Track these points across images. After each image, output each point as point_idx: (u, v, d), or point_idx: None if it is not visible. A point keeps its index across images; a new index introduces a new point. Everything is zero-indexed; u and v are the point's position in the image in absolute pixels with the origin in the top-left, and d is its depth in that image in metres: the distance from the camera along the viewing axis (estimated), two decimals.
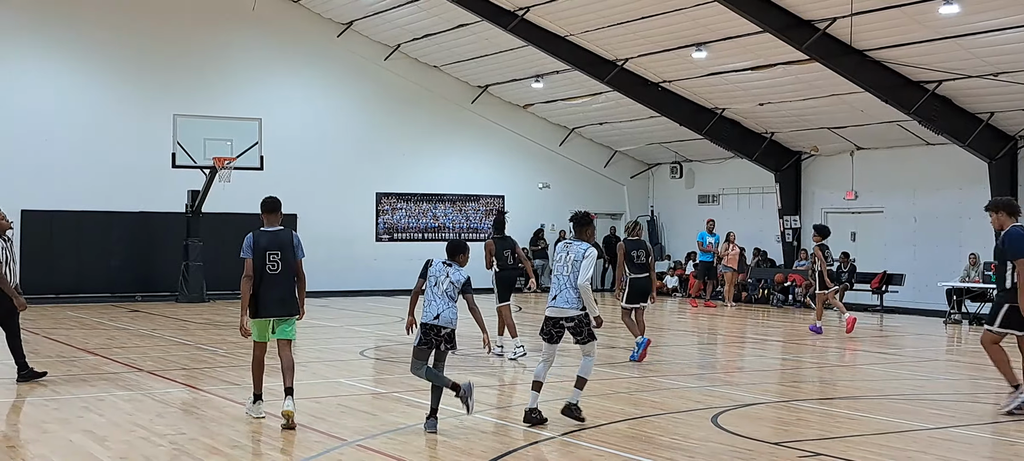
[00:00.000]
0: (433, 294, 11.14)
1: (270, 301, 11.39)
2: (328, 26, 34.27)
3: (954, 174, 29.47)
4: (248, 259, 11.33)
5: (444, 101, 36.00)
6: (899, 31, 24.58)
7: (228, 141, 28.67)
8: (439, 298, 11.10)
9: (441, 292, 11.11)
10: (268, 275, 11.37)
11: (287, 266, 11.46)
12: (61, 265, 30.23)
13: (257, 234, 11.49)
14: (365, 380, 15.73)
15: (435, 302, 11.09)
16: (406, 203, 35.36)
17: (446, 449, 10.33)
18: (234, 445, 10.56)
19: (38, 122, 30.15)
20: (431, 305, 11.09)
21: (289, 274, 11.49)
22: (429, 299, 11.15)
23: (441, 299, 11.09)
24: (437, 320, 11.03)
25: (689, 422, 12.15)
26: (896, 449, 10.58)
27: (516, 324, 17.65)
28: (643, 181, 39.64)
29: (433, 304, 11.09)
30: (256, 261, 11.35)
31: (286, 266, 11.46)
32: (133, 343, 19.54)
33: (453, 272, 11.22)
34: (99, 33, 31.18)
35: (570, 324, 11.36)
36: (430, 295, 11.15)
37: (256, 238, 11.43)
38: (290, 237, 11.60)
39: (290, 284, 11.51)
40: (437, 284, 11.15)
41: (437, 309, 11.05)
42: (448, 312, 11.07)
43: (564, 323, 11.40)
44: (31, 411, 12.31)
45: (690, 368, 17.70)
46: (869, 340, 22.37)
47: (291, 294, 11.53)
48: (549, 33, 29.91)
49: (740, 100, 31.06)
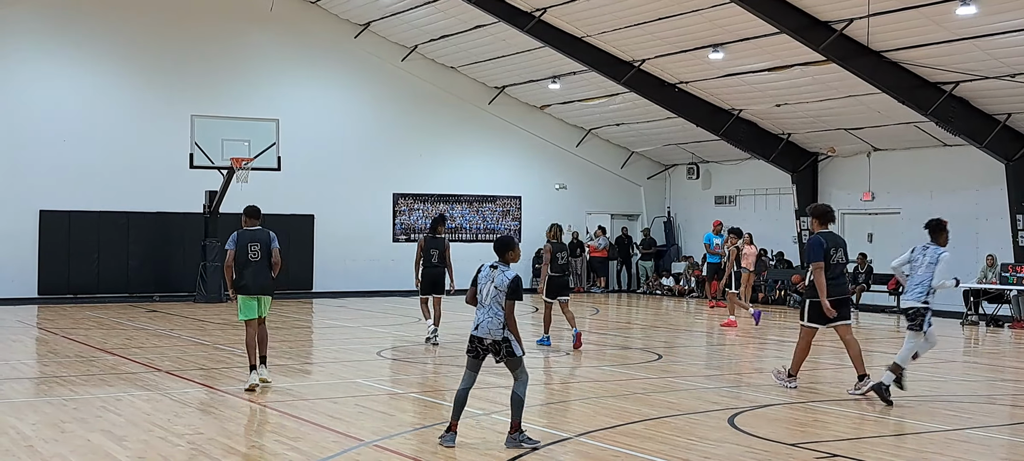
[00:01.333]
0: (481, 301, 10.54)
1: (253, 282, 14.24)
2: (345, 27, 34.35)
3: (971, 175, 29.40)
4: (231, 250, 14.31)
5: (461, 102, 36.05)
6: (916, 32, 24.53)
7: (246, 142, 28.76)
8: (486, 307, 10.47)
9: (488, 301, 10.45)
10: (250, 262, 14.28)
11: (265, 255, 14.31)
12: (80, 265, 30.37)
13: (240, 232, 14.47)
14: (382, 380, 15.77)
15: (480, 310, 10.50)
16: (423, 203, 35.41)
17: (462, 450, 10.35)
18: (251, 445, 10.61)
19: (57, 123, 30.29)
20: (477, 313, 10.54)
21: (266, 262, 14.33)
22: (479, 307, 10.59)
23: (487, 307, 10.44)
24: (477, 331, 10.47)
25: (706, 423, 12.15)
26: (912, 450, 10.58)
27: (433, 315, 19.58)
28: (660, 182, 39.62)
29: (478, 312, 10.52)
30: (239, 252, 14.27)
31: (264, 255, 14.30)
32: (151, 343, 19.62)
33: (498, 275, 10.49)
34: (118, 35, 31.31)
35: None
36: (479, 302, 10.58)
37: (240, 235, 14.41)
38: (266, 234, 14.44)
39: (267, 269, 14.34)
40: (483, 291, 10.52)
41: (479, 318, 10.46)
42: (491, 321, 10.39)
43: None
44: (50, 410, 12.38)
45: (706, 369, 17.70)
46: (886, 342, 22.33)
47: (268, 277, 14.35)
48: (566, 34, 29.92)
49: (757, 101, 31.02)
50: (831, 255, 14.16)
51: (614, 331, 24.56)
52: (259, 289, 14.29)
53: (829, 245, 14.19)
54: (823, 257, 14.04)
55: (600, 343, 20.95)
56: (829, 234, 14.39)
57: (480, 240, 36.19)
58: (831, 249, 14.18)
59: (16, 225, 29.73)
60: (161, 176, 30.84)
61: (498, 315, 10.34)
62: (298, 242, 32.81)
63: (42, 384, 14.95)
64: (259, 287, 14.28)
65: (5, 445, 10.44)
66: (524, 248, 36.98)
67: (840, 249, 14.32)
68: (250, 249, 14.31)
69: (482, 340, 10.45)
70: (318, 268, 33.44)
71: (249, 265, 14.26)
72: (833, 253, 14.19)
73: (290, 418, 11.94)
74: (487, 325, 10.40)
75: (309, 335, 22.45)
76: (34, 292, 29.93)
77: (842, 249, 14.36)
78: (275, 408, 12.68)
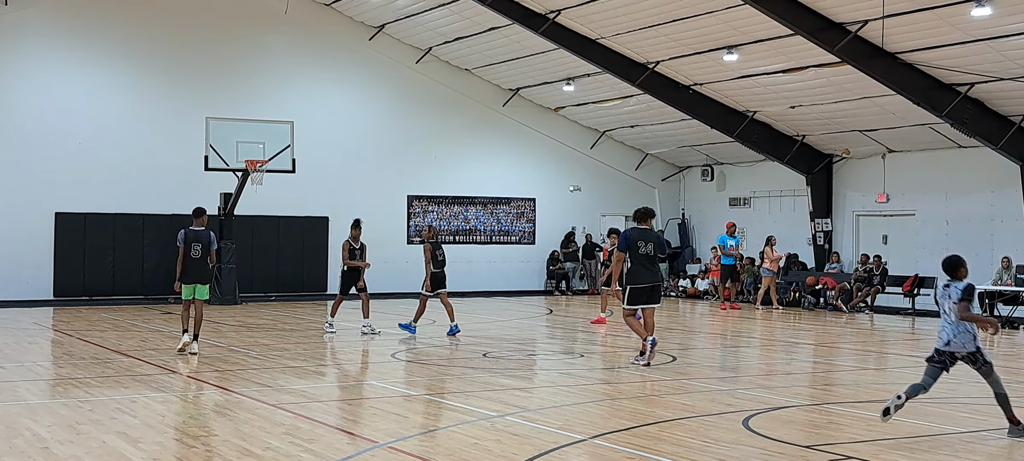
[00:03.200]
0: (945, 318, 11.24)
1: (193, 275, 17.91)
2: (360, 29, 34.40)
3: (986, 177, 29.30)
4: (181, 247, 17.85)
5: (475, 104, 36.07)
6: (931, 33, 24.47)
7: (260, 144, 28.83)
8: (948, 324, 11.19)
9: (954, 317, 11.15)
10: (192, 258, 17.89)
11: (205, 253, 17.94)
12: (95, 267, 30.50)
13: (187, 231, 18.00)
14: (396, 382, 15.78)
15: (946, 328, 11.20)
16: (437, 206, 35.43)
17: (477, 451, 10.35)
18: (266, 447, 10.62)
19: (72, 125, 30.43)
20: (943, 331, 11.20)
21: (205, 257, 17.94)
22: (941, 322, 11.27)
23: (953, 324, 11.15)
24: (948, 346, 11.17)
25: (720, 425, 12.13)
26: (927, 453, 10.54)
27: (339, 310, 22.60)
28: (674, 184, 39.59)
29: (944, 329, 11.20)
30: (186, 248, 17.82)
31: (204, 253, 17.92)
32: (166, 345, 19.65)
33: (953, 291, 11.18)
34: (133, 37, 31.42)
35: None
36: (941, 315, 11.26)
37: (186, 234, 17.95)
38: (208, 235, 18.07)
39: (206, 264, 17.99)
40: (944, 307, 11.21)
41: (947, 335, 11.18)
42: (961, 337, 11.10)
43: None
44: (65, 412, 12.42)
45: (721, 371, 17.68)
46: (901, 343, 22.27)
47: (206, 270, 18.00)
48: (580, 36, 29.93)
49: (771, 103, 30.98)
50: (639, 248, 16.98)
51: (628, 333, 24.52)
52: (195, 280, 17.94)
53: (637, 239, 17.05)
54: (627, 249, 17.02)
55: (614, 345, 20.94)
56: (642, 230, 17.32)
57: (495, 243, 36.20)
58: (640, 242, 17.03)
59: (32, 227, 29.85)
60: (176, 178, 30.94)
61: (967, 330, 11.08)
62: (312, 244, 32.87)
63: (57, 386, 15.00)
64: (196, 278, 17.94)
65: (21, 447, 10.48)
66: (539, 251, 37.08)
67: (650, 243, 17.14)
68: (193, 248, 17.91)
69: (953, 354, 11.22)
70: (333, 270, 33.45)
71: (191, 261, 17.88)
72: (642, 246, 17.03)
73: (304, 420, 11.95)
74: (958, 341, 11.13)
75: (323, 337, 22.48)
76: (49, 294, 30.05)
77: (653, 243, 17.18)
78: (289, 410, 12.70)
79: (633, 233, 17.19)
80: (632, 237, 17.06)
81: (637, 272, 17.02)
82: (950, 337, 11.19)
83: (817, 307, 31.14)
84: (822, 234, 33.65)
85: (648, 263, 17.07)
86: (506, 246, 36.66)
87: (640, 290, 17.05)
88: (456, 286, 30.19)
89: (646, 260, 17.03)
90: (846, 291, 30.40)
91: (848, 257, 32.71)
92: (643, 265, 17.02)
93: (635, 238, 17.04)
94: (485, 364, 17.60)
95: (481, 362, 17.82)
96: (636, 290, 17.07)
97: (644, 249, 17.01)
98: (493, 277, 35.97)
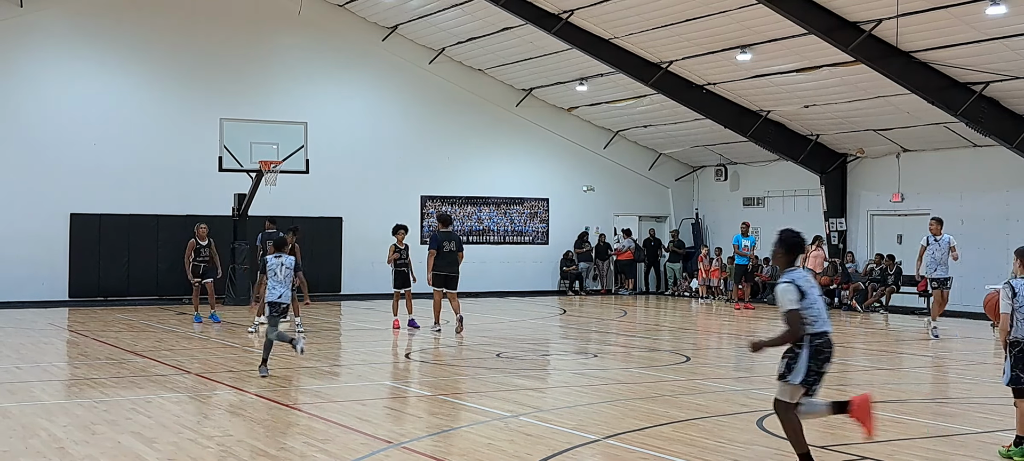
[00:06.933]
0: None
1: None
2: (373, 30, 34.43)
3: (1001, 176, 29.20)
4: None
5: (488, 104, 36.08)
6: (945, 32, 24.40)
7: (274, 144, 28.84)
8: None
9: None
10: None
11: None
12: (110, 268, 30.57)
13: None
14: (409, 382, 15.80)
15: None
16: (450, 206, 35.43)
17: (491, 451, 10.36)
18: (280, 447, 10.65)
19: (87, 127, 30.50)
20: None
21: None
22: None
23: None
24: None
25: (734, 425, 12.13)
26: (943, 453, 10.52)
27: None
28: (688, 184, 39.54)
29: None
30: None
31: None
32: (181, 345, 19.71)
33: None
34: (147, 38, 31.49)
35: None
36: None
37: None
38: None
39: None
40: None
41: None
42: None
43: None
44: (80, 412, 12.46)
45: (735, 371, 17.66)
46: (916, 343, 22.23)
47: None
48: (593, 36, 29.90)
49: (785, 102, 30.93)
50: (444, 246, 21.74)
51: (642, 333, 24.54)
52: None
53: (442, 239, 21.87)
54: (436, 247, 21.81)
55: (628, 345, 20.94)
56: (446, 233, 22.17)
57: (508, 243, 36.20)
58: (444, 242, 21.84)
59: (47, 228, 29.94)
60: (190, 179, 31.01)
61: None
62: (326, 245, 32.90)
63: (73, 386, 15.05)
64: None
65: (37, 447, 10.52)
66: (552, 252, 37.07)
67: (452, 242, 22.04)
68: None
69: None
70: (346, 271, 33.54)
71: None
72: (446, 244, 21.82)
73: (318, 420, 11.98)
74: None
75: (337, 337, 22.52)
76: (65, 295, 30.13)
77: (453, 242, 22.04)
78: (304, 410, 12.73)
79: (441, 235, 22.01)
80: (438, 238, 21.96)
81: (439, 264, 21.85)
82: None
83: (832, 307, 31.08)
84: (836, 234, 33.58)
85: (452, 260, 21.91)
86: (519, 246, 36.65)
87: (445, 277, 21.94)
88: (469, 286, 30.26)
89: (450, 256, 21.88)
90: (860, 291, 30.33)
91: (863, 257, 32.63)
92: (447, 260, 21.85)
93: (442, 239, 21.89)
94: (499, 364, 17.61)
95: (495, 362, 17.83)
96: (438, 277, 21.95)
97: (448, 247, 21.87)
98: (506, 277, 35.96)
